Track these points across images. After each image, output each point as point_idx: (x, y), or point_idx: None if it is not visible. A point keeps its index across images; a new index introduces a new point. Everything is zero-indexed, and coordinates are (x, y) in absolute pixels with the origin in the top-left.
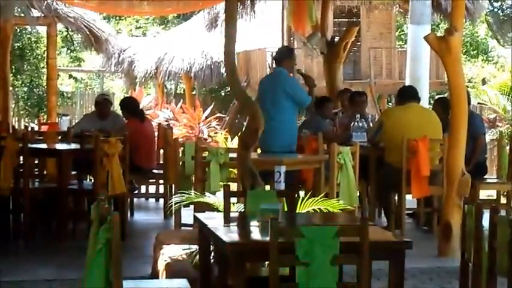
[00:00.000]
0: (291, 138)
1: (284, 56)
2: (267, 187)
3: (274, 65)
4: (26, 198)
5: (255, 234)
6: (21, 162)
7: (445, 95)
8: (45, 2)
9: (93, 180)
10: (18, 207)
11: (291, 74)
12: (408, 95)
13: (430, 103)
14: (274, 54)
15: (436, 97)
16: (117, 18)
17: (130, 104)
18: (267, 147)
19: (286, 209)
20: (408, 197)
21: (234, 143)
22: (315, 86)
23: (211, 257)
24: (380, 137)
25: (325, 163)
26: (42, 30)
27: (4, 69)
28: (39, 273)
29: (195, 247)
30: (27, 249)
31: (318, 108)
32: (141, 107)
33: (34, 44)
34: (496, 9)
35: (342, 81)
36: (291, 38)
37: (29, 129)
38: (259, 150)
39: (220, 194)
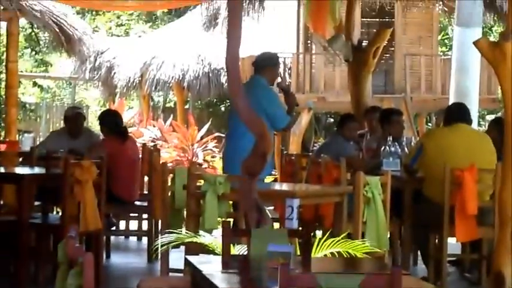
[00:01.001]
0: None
1: (266, 62)
2: (276, 225)
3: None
4: None
5: (262, 283)
6: None
7: (499, 114)
8: None
9: (61, 213)
10: None
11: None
12: (456, 115)
13: (479, 124)
14: (255, 59)
15: (492, 117)
16: (94, 13)
17: (111, 118)
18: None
19: (299, 253)
20: (451, 240)
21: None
22: (296, 106)
23: None
24: (419, 165)
25: (348, 196)
26: (1, 26)
27: None
28: None
29: None
30: None
31: (341, 128)
32: (122, 123)
33: None
34: None
35: (371, 96)
36: (309, 41)
37: None
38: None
39: (218, 233)
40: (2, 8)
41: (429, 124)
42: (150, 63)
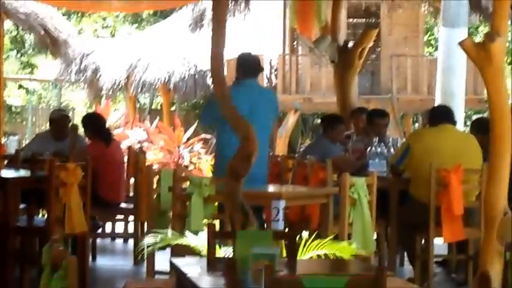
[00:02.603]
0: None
1: (256, 68)
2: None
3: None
4: None
5: (247, 285)
6: None
7: (485, 114)
8: None
9: (46, 216)
10: None
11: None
12: (442, 116)
13: (466, 124)
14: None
15: (474, 117)
16: (80, 15)
17: (94, 122)
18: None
19: (285, 255)
20: (438, 240)
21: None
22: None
23: None
24: (405, 166)
25: (334, 197)
26: None
27: None
28: None
29: None
30: None
31: (326, 129)
32: (107, 125)
33: None
34: None
35: (357, 97)
36: (295, 43)
37: None
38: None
39: (203, 235)
40: None
41: (415, 125)
42: (136, 65)
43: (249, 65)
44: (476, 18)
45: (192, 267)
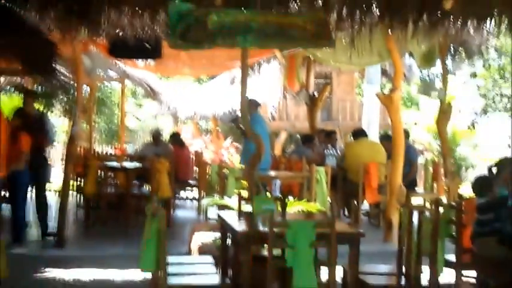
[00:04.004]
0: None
1: (257, 105)
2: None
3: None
4: (103, 199)
5: (258, 225)
6: (101, 175)
7: (389, 132)
8: (118, 66)
9: (149, 188)
10: (98, 206)
11: None
12: (359, 133)
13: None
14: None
15: (382, 133)
16: (167, 77)
17: (175, 136)
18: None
19: (279, 209)
20: (365, 203)
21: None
22: None
23: (228, 241)
24: (344, 163)
25: (307, 178)
26: (116, 85)
27: (90, 112)
28: (109, 250)
29: (217, 234)
30: (102, 234)
31: (303, 141)
32: (182, 138)
33: (110, 95)
34: (423, 76)
35: (319, 122)
36: (285, 93)
37: (107, 152)
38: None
39: (235, 198)
40: (117, 75)
41: (351, 139)
42: (198, 105)
43: (254, 103)
44: (384, 80)
45: (228, 216)
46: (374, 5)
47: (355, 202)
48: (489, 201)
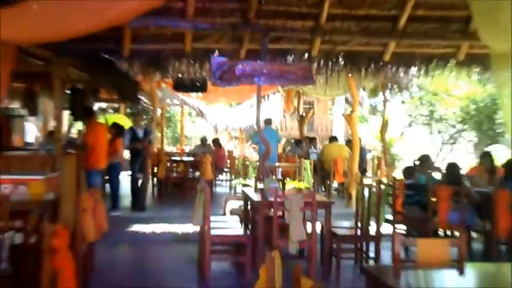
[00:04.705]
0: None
1: (270, 122)
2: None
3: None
4: (169, 180)
5: (268, 197)
6: (169, 165)
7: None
8: (179, 96)
9: (198, 173)
10: (166, 185)
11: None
12: (332, 138)
13: (346, 142)
14: (266, 119)
15: (346, 139)
16: (210, 103)
17: (215, 140)
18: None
19: (281, 187)
20: (334, 182)
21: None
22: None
23: (249, 207)
24: (322, 157)
25: (298, 167)
26: (178, 109)
27: (162, 125)
28: (173, 212)
29: (242, 202)
30: (168, 203)
31: (296, 143)
32: (220, 142)
33: (175, 115)
34: (371, 102)
35: (306, 132)
36: (284, 113)
37: (172, 151)
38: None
39: (253, 179)
40: (178, 102)
41: (326, 142)
42: (230, 121)
43: (267, 121)
44: (347, 104)
45: (249, 191)
46: (340, 58)
47: (329, 182)
48: (413, 182)
